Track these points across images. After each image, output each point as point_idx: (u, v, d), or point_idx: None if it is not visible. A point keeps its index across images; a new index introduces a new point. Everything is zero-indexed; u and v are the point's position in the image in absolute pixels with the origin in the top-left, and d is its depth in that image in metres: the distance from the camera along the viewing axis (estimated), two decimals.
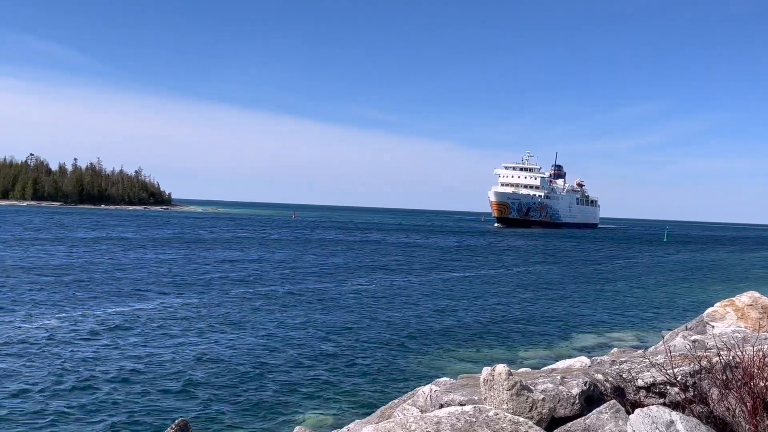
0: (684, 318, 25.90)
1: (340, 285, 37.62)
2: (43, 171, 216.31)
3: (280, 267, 46.36)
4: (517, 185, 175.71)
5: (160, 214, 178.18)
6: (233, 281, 37.27)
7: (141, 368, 17.75)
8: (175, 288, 33.48)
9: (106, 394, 15.39)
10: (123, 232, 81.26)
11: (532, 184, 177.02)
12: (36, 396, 15.02)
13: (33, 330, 21.72)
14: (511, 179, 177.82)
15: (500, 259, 64.21)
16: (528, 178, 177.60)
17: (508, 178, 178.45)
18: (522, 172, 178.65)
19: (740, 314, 10.83)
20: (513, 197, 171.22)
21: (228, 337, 22.21)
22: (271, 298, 31.47)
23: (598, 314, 30.88)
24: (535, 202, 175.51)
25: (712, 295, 37.08)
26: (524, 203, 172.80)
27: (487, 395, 6.10)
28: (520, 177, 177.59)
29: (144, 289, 32.66)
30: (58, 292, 30.22)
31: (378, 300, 32.33)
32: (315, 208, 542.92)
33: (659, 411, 5.46)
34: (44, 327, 22.25)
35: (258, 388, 16.41)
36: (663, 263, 68.82)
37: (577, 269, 55.83)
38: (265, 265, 47.61)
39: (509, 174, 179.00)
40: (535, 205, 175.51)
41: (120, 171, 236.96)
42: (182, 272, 40.70)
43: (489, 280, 43.60)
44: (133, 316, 25.07)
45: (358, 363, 19.32)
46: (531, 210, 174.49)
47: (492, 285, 41.03)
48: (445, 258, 61.85)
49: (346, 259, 55.52)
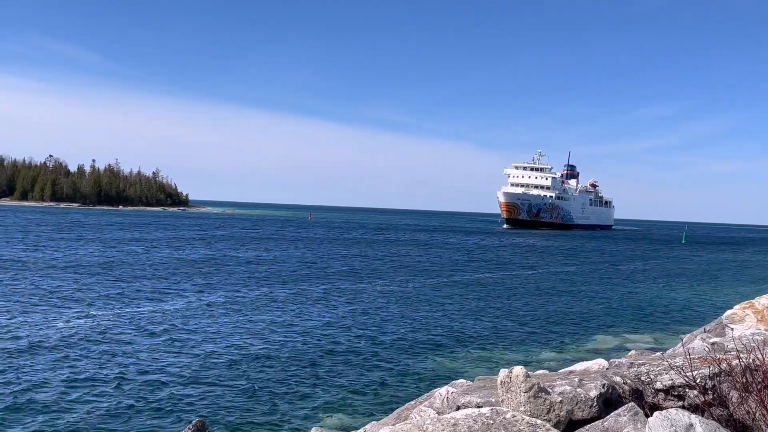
0: (703, 320, 25.68)
1: (356, 286, 37.67)
2: (61, 172, 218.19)
3: (298, 267, 46.49)
4: (528, 186, 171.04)
5: (180, 215, 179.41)
6: (254, 280, 37.43)
7: (158, 367, 17.87)
8: (194, 287, 33.68)
9: (123, 393, 15.51)
10: (156, 232, 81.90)
11: (542, 184, 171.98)
12: (48, 393, 15.17)
13: (46, 330, 21.93)
14: (521, 179, 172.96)
15: (516, 260, 63.99)
16: (539, 178, 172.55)
17: (518, 178, 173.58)
18: (532, 173, 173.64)
19: (760, 317, 10.74)
20: (523, 198, 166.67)
21: (245, 337, 22.30)
22: (289, 298, 31.57)
23: (615, 316, 30.70)
24: (545, 203, 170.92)
25: (732, 297, 36.74)
26: (534, 204, 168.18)
27: (505, 397, 6.09)
28: (531, 177, 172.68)
29: (165, 287, 32.88)
30: (91, 290, 30.52)
31: (394, 301, 32.33)
32: (331, 209, 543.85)
33: (678, 414, 5.42)
34: (58, 325, 22.46)
35: (275, 388, 16.46)
36: (681, 265, 68.26)
37: (594, 271, 55.51)
38: (283, 265, 47.77)
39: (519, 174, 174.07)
40: (545, 206, 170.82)
41: (138, 172, 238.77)
42: (204, 271, 40.95)
43: (504, 282, 43.46)
44: (152, 315, 25.26)
45: (375, 364, 19.34)
46: (541, 211, 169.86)
47: (507, 286, 40.91)
48: (460, 258, 61.74)
49: (362, 261, 55.57)
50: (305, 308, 28.99)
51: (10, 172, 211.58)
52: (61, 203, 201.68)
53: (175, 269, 42.68)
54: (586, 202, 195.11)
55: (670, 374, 6.86)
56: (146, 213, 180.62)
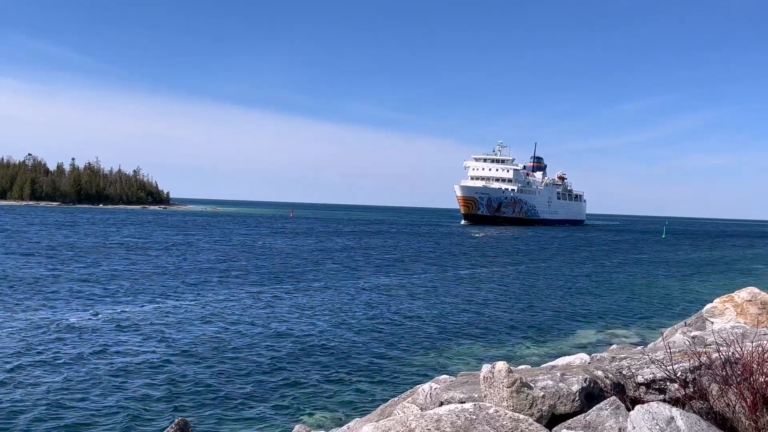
0: (683, 314, 25.92)
1: (336, 284, 37.60)
2: (41, 171, 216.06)
3: (279, 263, 46.32)
4: (488, 179, 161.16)
5: (169, 213, 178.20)
6: (226, 277, 37.25)
7: (138, 367, 17.74)
8: (178, 285, 33.47)
9: (104, 392, 15.38)
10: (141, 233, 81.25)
11: (504, 177, 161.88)
12: (34, 393, 15.01)
13: (45, 325, 21.70)
14: (481, 172, 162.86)
15: (492, 256, 64.22)
16: (500, 170, 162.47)
17: (477, 171, 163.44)
18: (493, 164, 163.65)
19: (739, 310, 10.84)
20: (482, 192, 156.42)
21: (224, 335, 22.19)
22: (268, 295, 31.46)
23: (597, 311, 30.90)
24: (507, 196, 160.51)
25: (712, 290, 37.13)
26: (494, 198, 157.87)
27: (488, 392, 6.09)
28: (491, 170, 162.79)
29: (151, 287, 32.64)
30: (88, 289, 30.22)
31: (376, 298, 32.33)
32: (313, 206, 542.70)
33: (659, 407, 5.45)
34: (49, 323, 22.23)
35: (258, 386, 16.40)
36: (661, 259, 68.85)
37: (575, 267, 55.84)
38: (263, 261, 47.58)
39: (479, 167, 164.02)
40: (506, 200, 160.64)
41: (118, 170, 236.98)
42: (190, 269, 40.71)
43: (484, 278, 43.60)
44: (131, 315, 25.06)
45: (357, 361, 19.33)
46: (502, 206, 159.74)
47: (488, 283, 41.04)
48: (431, 254, 61.86)
49: (340, 258, 55.49)
50: (284, 306, 28.89)
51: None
52: (41, 202, 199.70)
53: (169, 268, 42.39)
54: (553, 196, 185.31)
55: (651, 368, 6.90)
56: (122, 211, 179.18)
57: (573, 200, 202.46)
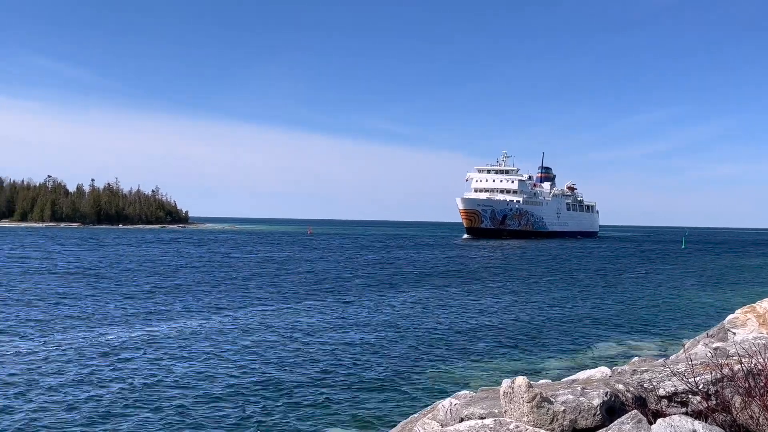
0: (705, 325, 25.66)
1: (356, 300, 37.60)
2: (61, 192, 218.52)
3: (299, 280, 46.45)
4: (492, 190, 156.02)
5: (192, 232, 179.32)
6: (253, 295, 37.37)
7: (166, 384, 17.81)
8: (197, 303, 33.65)
9: (126, 412, 15.46)
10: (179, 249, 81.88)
11: (508, 188, 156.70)
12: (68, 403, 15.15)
13: (79, 345, 21.90)
14: (484, 183, 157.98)
15: (511, 271, 63.96)
16: (504, 181, 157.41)
17: (481, 182, 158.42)
18: (497, 175, 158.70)
19: (761, 320, 10.73)
20: (485, 204, 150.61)
21: (243, 354, 22.23)
22: (290, 311, 31.51)
23: (618, 323, 30.64)
24: (512, 208, 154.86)
25: (733, 301, 36.73)
26: (498, 210, 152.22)
27: (508, 408, 6.09)
28: (495, 181, 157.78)
29: (198, 302, 32.83)
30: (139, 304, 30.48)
31: (395, 314, 32.28)
32: (329, 222, 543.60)
33: (681, 420, 5.42)
34: (85, 341, 22.43)
35: (277, 403, 16.40)
36: (682, 270, 68.23)
37: (594, 278, 55.47)
38: (284, 279, 47.71)
39: (483, 178, 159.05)
40: (512, 212, 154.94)
41: (137, 191, 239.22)
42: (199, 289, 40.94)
43: (500, 292, 43.42)
44: (151, 336, 25.22)
45: (377, 378, 19.29)
46: (507, 218, 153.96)
47: (505, 296, 40.86)
48: (444, 268, 61.73)
49: (358, 274, 55.51)
50: (303, 322, 28.90)
51: (9, 193, 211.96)
52: (61, 223, 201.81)
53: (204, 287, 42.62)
54: (562, 207, 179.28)
55: (672, 380, 6.86)
56: (146, 231, 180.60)
57: (584, 211, 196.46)
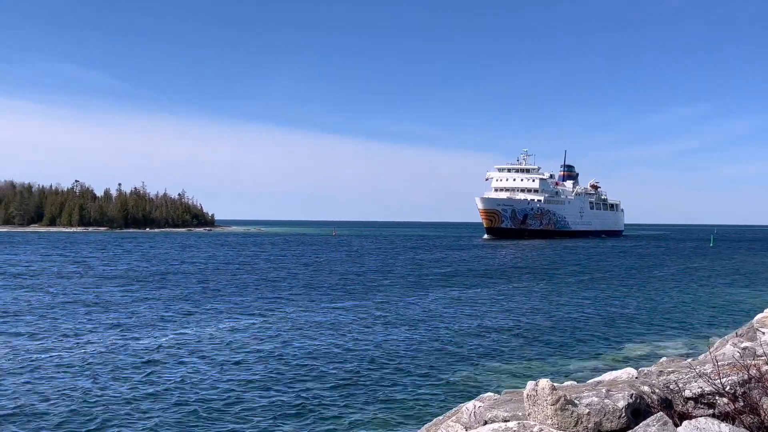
0: (734, 324, 25.31)
1: (384, 301, 37.62)
2: (88, 197, 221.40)
3: (327, 281, 46.56)
4: (513, 189, 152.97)
5: (219, 235, 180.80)
6: (283, 295, 37.55)
7: (186, 387, 17.96)
8: (207, 306, 33.89)
9: (163, 415, 15.62)
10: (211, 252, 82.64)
11: (529, 187, 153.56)
12: (81, 402, 15.36)
13: (98, 349, 22.18)
14: (504, 183, 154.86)
15: (535, 272, 63.58)
16: (525, 180, 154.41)
17: (501, 181, 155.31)
18: (518, 174, 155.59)
19: None
20: (505, 204, 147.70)
21: (266, 355, 22.34)
22: (319, 311, 31.61)
23: (645, 323, 30.34)
24: (533, 207, 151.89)
25: (763, 300, 36.19)
26: (519, 210, 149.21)
27: (531, 411, 6.07)
28: (516, 180, 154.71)
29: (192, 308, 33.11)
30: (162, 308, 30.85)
31: (420, 315, 32.25)
32: (353, 224, 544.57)
33: (708, 423, 5.36)
34: (96, 346, 22.71)
35: (301, 403, 16.47)
36: (711, 269, 67.36)
37: (621, 278, 54.96)
38: (311, 278, 47.87)
39: (503, 177, 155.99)
40: (533, 212, 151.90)
41: (164, 194, 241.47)
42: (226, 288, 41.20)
43: (530, 293, 43.18)
44: (177, 341, 25.44)
45: (402, 379, 19.29)
46: (528, 217, 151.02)
47: (533, 297, 40.64)
48: (467, 269, 61.51)
49: (384, 276, 55.53)
50: (328, 323, 28.96)
51: (38, 198, 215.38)
52: (89, 228, 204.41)
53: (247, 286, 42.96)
54: (585, 206, 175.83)
55: (698, 382, 6.79)
56: (177, 234, 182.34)
57: (608, 210, 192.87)
